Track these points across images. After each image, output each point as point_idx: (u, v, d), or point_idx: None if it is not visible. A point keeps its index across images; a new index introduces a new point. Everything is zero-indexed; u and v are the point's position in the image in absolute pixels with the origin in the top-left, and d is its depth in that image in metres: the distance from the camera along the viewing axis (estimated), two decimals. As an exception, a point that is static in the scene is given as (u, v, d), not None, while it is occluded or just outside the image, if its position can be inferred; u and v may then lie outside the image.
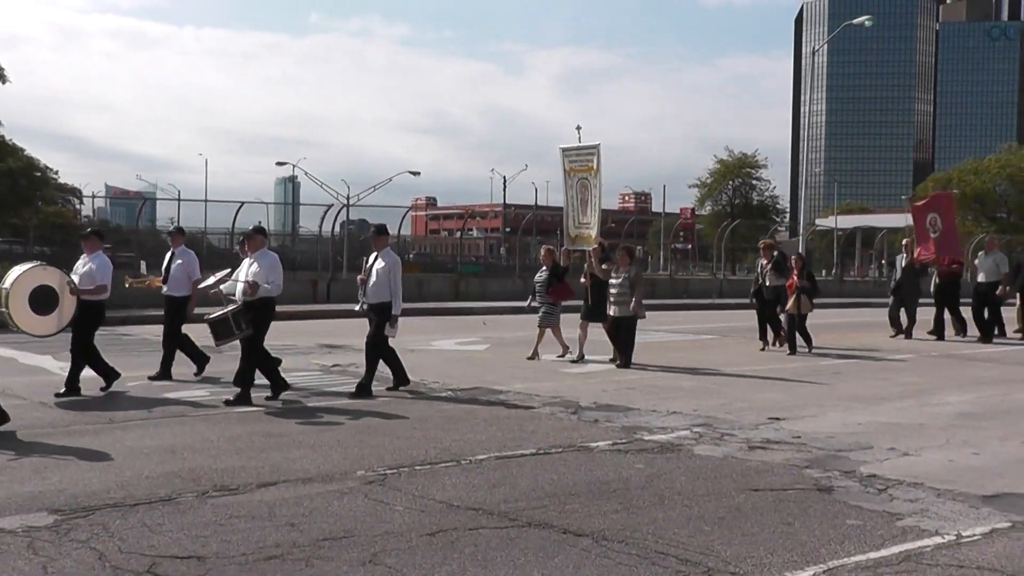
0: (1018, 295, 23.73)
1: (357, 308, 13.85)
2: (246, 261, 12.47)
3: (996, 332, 22.95)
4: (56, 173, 49.69)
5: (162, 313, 15.00)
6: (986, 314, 22.79)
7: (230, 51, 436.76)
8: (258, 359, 12.35)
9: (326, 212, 38.41)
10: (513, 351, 18.74)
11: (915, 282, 23.40)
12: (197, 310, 14.28)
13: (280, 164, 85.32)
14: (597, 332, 17.73)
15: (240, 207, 36.87)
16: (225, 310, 12.03)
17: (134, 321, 23.85)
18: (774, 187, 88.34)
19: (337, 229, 39.36)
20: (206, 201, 53.04)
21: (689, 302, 39.39)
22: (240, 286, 12.14)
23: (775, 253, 19.79)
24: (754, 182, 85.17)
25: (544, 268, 17.72)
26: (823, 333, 21.32)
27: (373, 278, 13.15)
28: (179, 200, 56.48)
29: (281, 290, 12.44)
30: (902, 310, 23.18)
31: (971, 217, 77.34)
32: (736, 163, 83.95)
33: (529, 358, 17.30)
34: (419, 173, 66.35)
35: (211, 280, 12.84)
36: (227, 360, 14.25)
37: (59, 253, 32.45)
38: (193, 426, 10.56)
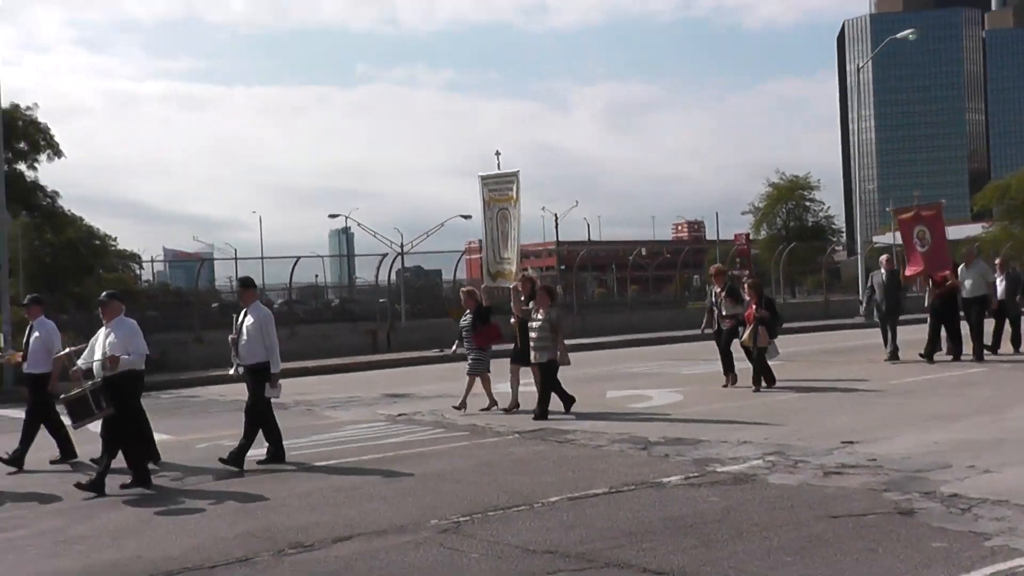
0: None
1: (231, 372, 12.50)
2: (102, 331, 11.23)
3: (988, 347, 21.09)
4: (115, 240, 50.31)
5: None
6: (967, 329, 20.80)
7: (280, 107, 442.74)
8: (131, 438, 11.00)
9: (381, 261, 38.55)
10: (577, 389, 18.60)
11: (896, 300, 21.54)
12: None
13: (333, 216, 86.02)
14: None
15: (296, 262, 37.12)
16: (83, 387, 10.89)
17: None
18: (828, 208, 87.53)
19: (393, 278, 39.51)
20: (262, 258, 53.61)
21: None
22: (96, 362, 11.02)
23: (727, 280, 18.15)
24: (808, 204, 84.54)
25: (468, 312, 16.19)
26: (910, 349, 20.93)
27: (244, 337, 11.90)
28: (236, 259, 56.91)
29: (144, 358, 11.18)
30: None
31: (1031, 225, 76.04)
32: (789, 186, 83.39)
33: (456, 407, 15.73)
34: (471, 216, 66.33)
35: (66, 351, 11.91)
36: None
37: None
38: (263, 484, 10.57)
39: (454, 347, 16.74)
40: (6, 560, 7.93)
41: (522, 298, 15.86)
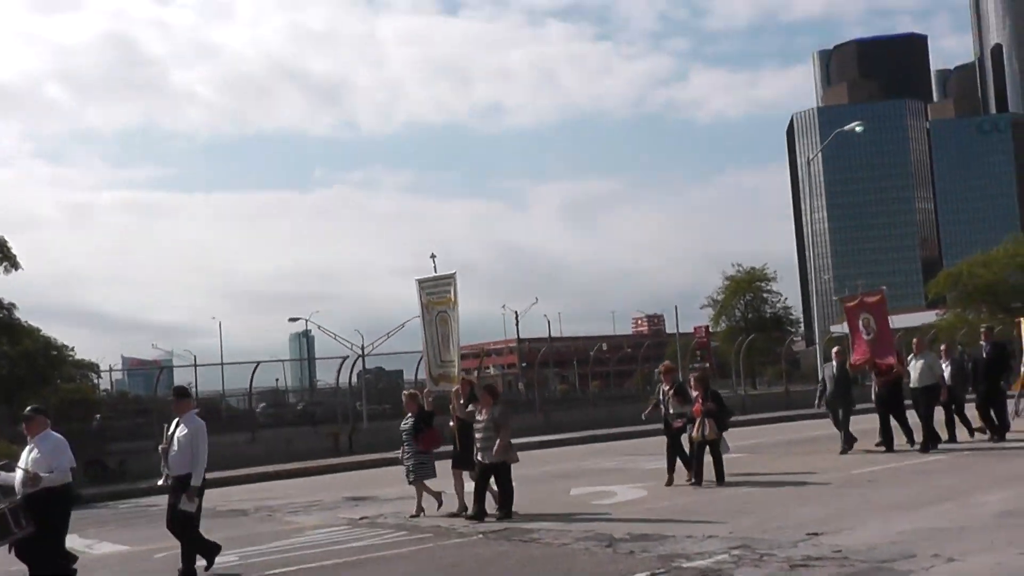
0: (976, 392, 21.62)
1: (160, 482, 12.19)
2: (27, 448, 10.86)
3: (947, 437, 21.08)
4: (72, 350, 49.85)
5: None
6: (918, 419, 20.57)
7: (240, 212, 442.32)
8: (52, 563, 10.53)
9: (342, 364, 38.41)
10: (541, 487, 18.53)
11: (847, 392, 21.24)
12: None
13: (293, 320, 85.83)
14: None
15: (256, 367, 36.93)
16: (1, 505, 10.37)
17: None
18: (785, 299, 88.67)
19: (354, 379, 39.35)
20: (222, 364, 53.09)
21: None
22: (19, 476, 10.58)
23: (677, 378, 18.06)
24: (765, 295, 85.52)
25: (409, 415, 15.96)
26: (864, 439, 20.95)
27: (175, 447, 11.64)
28: (195, 366, 56.54)
29: (70, 475, 10.78)
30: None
31: (985, 310, 77.13)
32: (746, 278, 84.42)
33: (413, 516, 15.45)
34: (432, 317, 66.34)
35: None
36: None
37: (78, 428, 32.44)
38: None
39: (401, 454, 16.12)
40: None
41: (461, 401, 15.70)
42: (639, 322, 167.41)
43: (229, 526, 16.61)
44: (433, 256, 17.16)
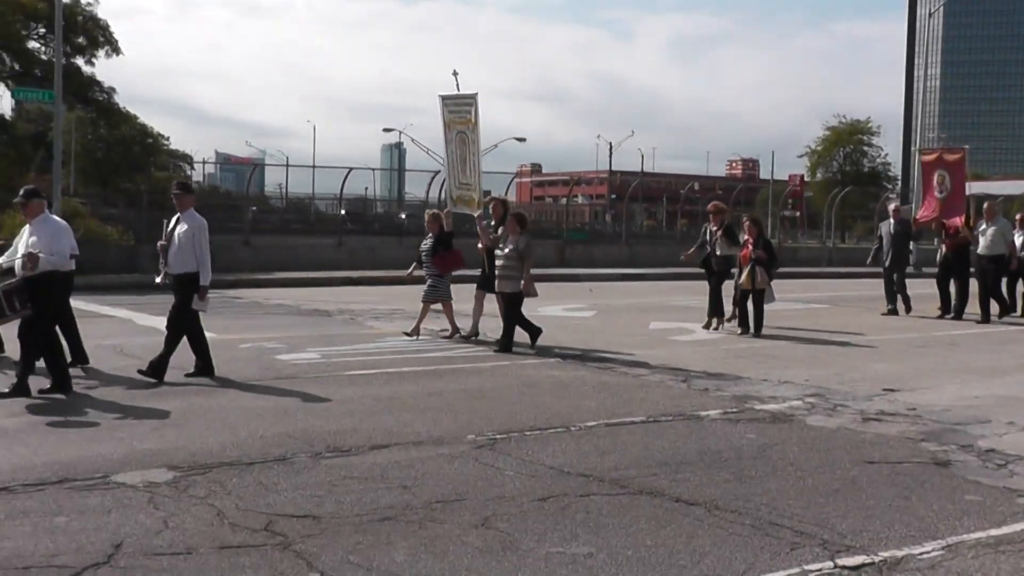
0: None
1: (158, 280, 11.82)
2: (26, 229, 10.59)
3: (1009, 310, 20.36)
4: (167, 139, 50.82)
5: None
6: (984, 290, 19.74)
7: (341, 19, 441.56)
8: (44, 343, 10.31)
9: (432, 179, 38.55)
10: (620, 318, 18.66)
11: (904, 252, 20.91)
12: None
13: (387, 130, 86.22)
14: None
15: (348, 173, 37.25)
16: None
17: None
18: (886, 154, 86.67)
19: (443, 195, 39.51)
20: (313, 167, 53.83)
21: (798, 270, 38.65)
22: (18, 260, 10.34)
23: (725, 219, 17.30)
24: (865, 149, 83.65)
25: (430, 235, 15.66)
26: (921, 303, 20.65)
27: (175, 244, 11.34)
28: (287, 166, 57.46)
29: (71, 262, 10.72)
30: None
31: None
32: (848, 130, 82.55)
33: (408, 334, 15.28)
34: (525, 139, 66.64)
35: None
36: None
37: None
38: (306, 388, 10.69)
39: (410, 270, 16.16)
40: (47, 441, 8.08)
41: (492, 222, 15.41)
42: (734, 165, 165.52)
43: (311, 325, 17.05)
44: (455, 73, 16.44)
